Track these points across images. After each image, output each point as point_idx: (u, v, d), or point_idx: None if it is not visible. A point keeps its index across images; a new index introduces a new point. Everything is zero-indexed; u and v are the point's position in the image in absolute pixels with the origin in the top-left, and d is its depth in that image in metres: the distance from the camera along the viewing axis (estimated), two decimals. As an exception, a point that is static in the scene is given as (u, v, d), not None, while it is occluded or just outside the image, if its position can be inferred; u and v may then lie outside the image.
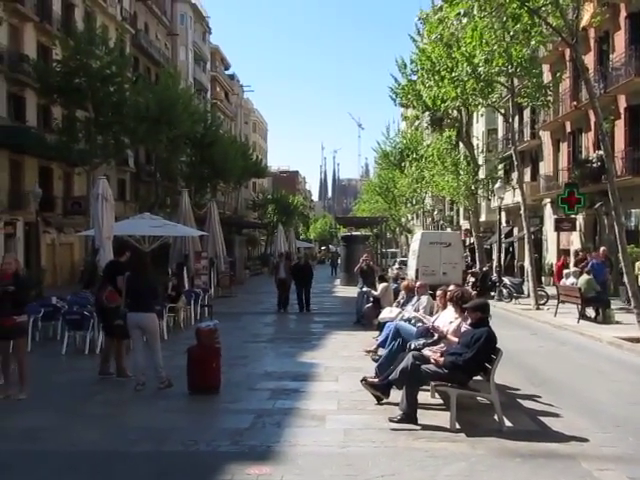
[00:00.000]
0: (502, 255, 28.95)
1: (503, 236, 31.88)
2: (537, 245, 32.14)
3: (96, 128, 30.21)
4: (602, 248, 21.42)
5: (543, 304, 21.24)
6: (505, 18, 17.20)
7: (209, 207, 25.63)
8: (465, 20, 20.49)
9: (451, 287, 9.38)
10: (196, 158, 43.68)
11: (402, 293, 13.90)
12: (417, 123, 52.89)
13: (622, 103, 25.94)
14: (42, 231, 31.23)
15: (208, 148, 42.69)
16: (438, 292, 9.83)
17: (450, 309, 9.46)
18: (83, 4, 38.53)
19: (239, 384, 9.51)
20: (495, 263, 29.74)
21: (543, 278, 30.90)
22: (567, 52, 30.91)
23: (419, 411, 7.43)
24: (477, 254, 32.24)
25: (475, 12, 17.72)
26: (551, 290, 23.56)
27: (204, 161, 43.35)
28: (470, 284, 25.96)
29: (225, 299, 24.51)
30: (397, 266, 33.90)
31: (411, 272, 25.50)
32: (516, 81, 23.43)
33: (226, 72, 79.29)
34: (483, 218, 39.50)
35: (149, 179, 43.85)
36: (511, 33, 19.01)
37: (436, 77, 23.37)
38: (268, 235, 63.71)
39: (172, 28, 56.13)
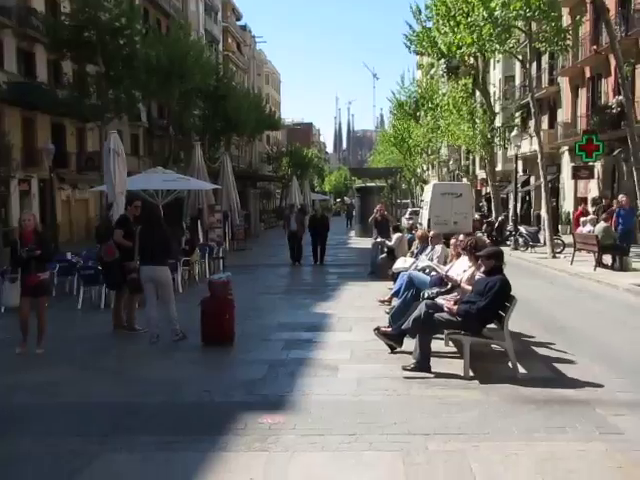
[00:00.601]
0: (518, 204, 28.67)
1: (519, 185, 31.53)
2: (554, 194, 31.76)
3: (107, 82, 29.94)
4: (621, 196, 21.02)
5: (559, 252, 21.07)
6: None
7: (222, 160, 25.45)
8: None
9: (461, 237, 9.29)
10: (209, 111, 43.24)
11: (416, 243, 13.81)
12: (432, 71, 51.90)
13: (644, 46, 25.21)
14: (57, 188, 31.26)
15: (221, 101, 42.22)
16: (452, 241, 9.87)
17: (464, 258, 9.38)
18: (90, -45, 37.72)
19: (253, 335, 9.53)
20: (511, 212, 29.47)
21: (560, 227, 30.63)
22: (587, -6, 30.04)
23: (433, 359, 7.43)
24: (493, 203, 31.95)
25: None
26: (568, 238, 23.37)
27: (217, 114, 42.91)
28: (486, 233, 25.86)
29: (240, 252, 24.57)
30: (408, 216, 33.71)
31: (424, 222, 25.91)
32: (534, 25, 22.77)
33: (238, 23, 77.98)
34: (499, 167, 39.03)
35: (162, 133, 43.57)
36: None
37: (451, 23, 22.79)
38: (283, 188, 63.50)
39: (182, -22, 55.00)
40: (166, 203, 18.61)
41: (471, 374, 7.10)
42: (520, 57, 29.35)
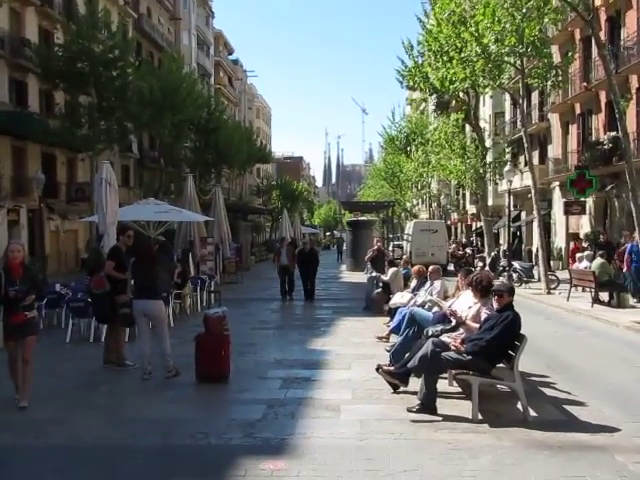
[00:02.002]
0: (510, 239, 28.62)
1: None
2: (545, 229, 31.73)
3: (99, 113, 29.83)
4: (626, 232, 20.67)
5: (554, 288, 20.90)
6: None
7: (214, 192, 25.27)
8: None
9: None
10: (200, 143, 43.25)
11: (413, 278, 13.60)
12: (423, 107, 52.34)
13: (634, 83, 25.47)
14: (46, 218, 30.89)
15: (212, 133, 42.27)
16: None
17: (465, 295, 9.16)
18: (84, -13, 37.95)
19: (248, 372, 9.20)
20: (504, 247, 29.35)
21: (552, 262, 30.53)
22: (577, 32, 30.44)
23: (438, 400, 7.13)
24: (486, 238, 31.87)
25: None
26: (561, 274, 23.24)
27: (208, 146, 42.94)
28: (478, 268, 25.69)
29: (231, 285, 24.21)
30: (391, 249, 33.82)
31: (407, 253, 29.78)
32: (526, 61, 22.94)
33: (230, 57, 78.62)
34: (490, 202, 39.07)
35: (153, 165, 43.43)
36: (523, 10, 18.52)
37: (444, 58, 22.91)
38: (273, 221, 63.38)
39: (175, 12, 55.43)
40: (158, 235, 18.35)
41: (480, 417, 6.80)
42: (512, 92, 29.64)
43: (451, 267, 30.97)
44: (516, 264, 24.62)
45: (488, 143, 34.36)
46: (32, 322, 7.65)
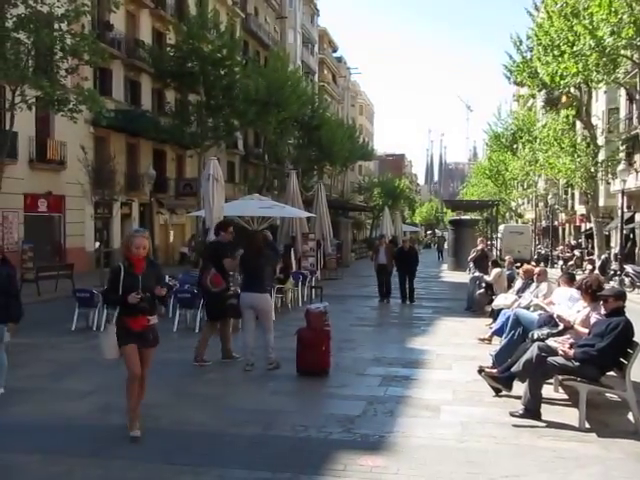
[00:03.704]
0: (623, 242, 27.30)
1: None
2: (662, 232, 30.06)
3: (207, 111, 30.79)
4: None
5: (671, 294, 19.76)
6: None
7: (317, 189, 25.51)
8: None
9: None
10: (303, 141, 43.80)
11: (518, 279, 13.23)
12: (531, 103, 50.68)
13: None
14: (155, 212, 32.34)
15: (315, 131, 42.70)
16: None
17: (566, 292, 8.83)
18: (196, -11, 39.27)
19: (348, 368, 9.24)
20: (615, 250, 28.02)
21: (669, 267, 28.85)
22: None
23: (543, 406, 6.89)
24: (596, 240, 30.54)
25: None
26: (679, 280, 21.94)
27: (311, 144, 43.41)
28: (587, 271, 24.66)
29: (331, 281, 24.38)
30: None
31: (498, 251, 35.57)
32: (644, 55, 21.78)
33: (334, 54, 79.13)
34: (601, 203, 37.37)
35: (257, 162, 44.43)
36: (643, 0, 17.58)
37: (555, 52, 22.12)
38: (374, 219, 63.26)
39: (281, 11, 56.41)
40: (262, 229, 18.73)
41: (587, 425, 6.52)
42: (628, 87, 28.22)
43: (557, 270, 29.89)
44: (629, 268, 23.47)
45: (600, 141, 32.81)
46: (154, 330, 6.29)
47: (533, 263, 20.10)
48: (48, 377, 8.90)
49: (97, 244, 28.39)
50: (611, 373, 6.93)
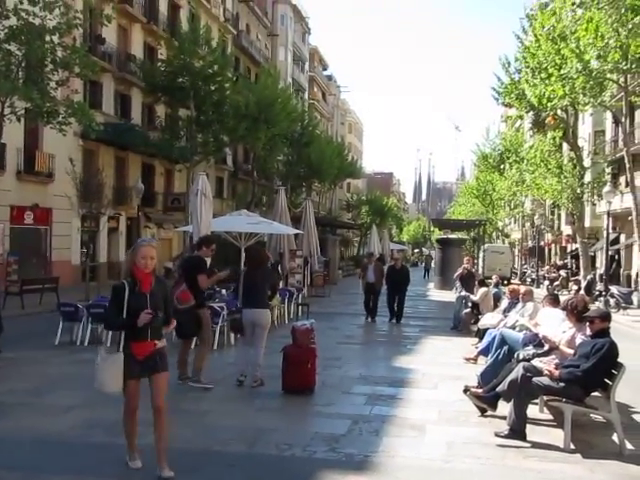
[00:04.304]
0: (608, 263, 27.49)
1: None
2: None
3: (197, 126, 30.84)
4: None
5: (656, 316, 19.89)
6: (624, 10, 16.14)
7: (305, 206, 25.57)
8: (580, 12, 19.44)
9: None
10: (293, 157, 43.93)
11: (504, 299, 13.29)
12: (519, 124, 51.17)
13: None
14: (143, 226, 32.18)
15: (305, 148, 42.86)
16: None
17: (550, 313, 8.89)
18: (188, 5, 39.51)
19: (333, 387, 9.21)
20: (601, 271, 28.21)
21: (653, 289, 29.05)
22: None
23: (528, 427, 6.89)
24: (582, 261, 30.73)
25: (592, 2, 16.75)
26: (664, 302, 22.09)
27: (301, 160, 43.54)
28: (573, 292, 24.79)
29: (318, 298, 24.36)
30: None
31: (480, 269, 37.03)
32: (630, 78, 22.08)
33: (324, 72, 79.62)
34: (587, 224, 37.67)
35: (246, 177, 44.47)
36: (629, 26, 17.83)
37: (542, 75, 22.39)
38: (361, 236, 63.42)
39: (273, 29, 56.78)
40: (248, 246, 18.70)
41: (572, 446, 6.52)
42: (614, 110, 28.55)
43: (543, 290, 30.03)
44: (614, 289, 23.61)
45: (587, 162, 33.17)
46: (163, 354, 5.62)
47: (517, 281, 20.41)
48: (30, 392, 8.79)
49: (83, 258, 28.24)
50: (596, 394, 6.95)
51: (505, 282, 27.91)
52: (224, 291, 14.65)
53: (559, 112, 29.75)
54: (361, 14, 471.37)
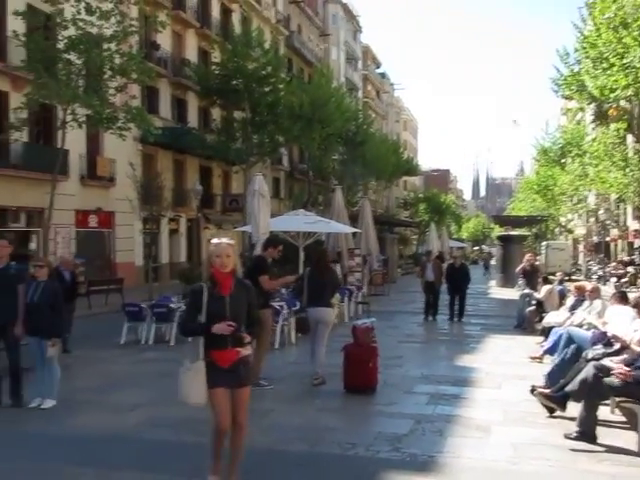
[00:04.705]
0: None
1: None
2: None
3: (252, 128, 31.08)
4: None
5: None
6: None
7: (362, 204, 25.45)
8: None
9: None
10: (348, 156, 43.84)
11: (570, 296, 12.91)
12: (580, 116, 49.84)
13: None
14: (203, 227, 32.69)
15: (360, 146, 42.67)
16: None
17: (619, 311, 8.62)
18: (240, 9, 39.92)
19: (395, 386, 9.10)
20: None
21: None
22: None
23: (599, 428, 6.64)
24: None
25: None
26: None
27: (356, 159, 43.40)
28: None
29: (377, 297, 24.21)
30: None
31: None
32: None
33: (377, 71, 79.30)
34: (655, 218, 36.44)
35: (302, 177, 44.66)
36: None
37: (604, 65, 21.70)
38: (420, 234, 62.86)
39: (324, 28, 56.86)
40: (305, 245, 18.76)
41: (646, 449, 6.26)
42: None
43: (610, 287, 29.14)
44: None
45: (653, 154, 32.02)
46: (246, 365, 5.07)
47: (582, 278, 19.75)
48: (97, 390, 9.00)
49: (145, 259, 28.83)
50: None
51: (566, 278, 26.40)
52: (284, 290, 14.68)
53: (622, 103, 28.77)
54: (412, 11, 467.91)
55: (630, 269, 33.41)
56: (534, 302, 15.11)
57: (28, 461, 5.97)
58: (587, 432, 6.53)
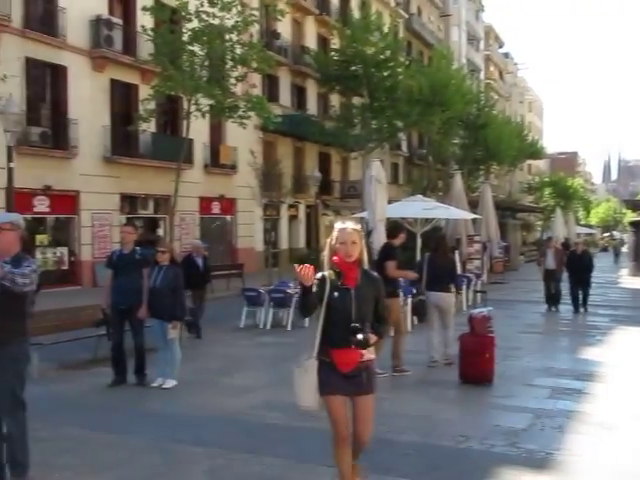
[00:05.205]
0: None
1: None
2: None
3: (371, 113, 30.95)
4: None
5: None
6: None
7: (482, 189, 24.76)
8: None
9: None
10: (469, 140, 42.77)
11: None
12: None
13: None
14: (321, 213, 33.03)
15: (481, 130, 41.50)
16: None
17: None
18: (359, -6, 39.79)
19: (513, 378, 8.77)
20: None
21: None
22: None
23: None
24: None
25: None
26: None
27: (477, 143, 42.27)
28: None
29: (497, 285, 23.50)
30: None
31: None
32: None
33: (500, 50, 76.75)
34: None
35: (421, 163, 44.07)
36: None
37: None
38: (544, 220, 60.44)
39: (445, 9, 55.57)
40: (423, 232, 18.48)
41: None
42: None
43: None
44: None
45: None
46: (369, 369, 4.39)
47: None
48: (216, 372, 9.30)
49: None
50: None
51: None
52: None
53: None
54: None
55: None
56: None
57: (142, 437, 6.26)
58: None
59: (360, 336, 4.14)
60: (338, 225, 4.43)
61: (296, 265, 4.15)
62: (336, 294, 4.26)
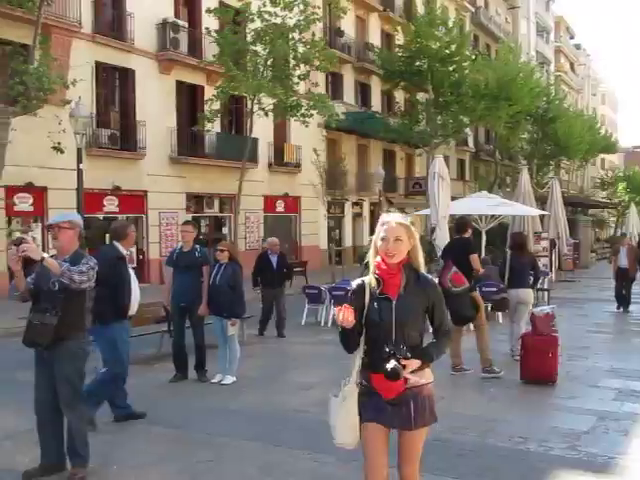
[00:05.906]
0: None
1: None
2: None
3: (435, 109, 30.56)
4: None
5: None
6: None
7: (551, 185, 24.08)
8: None
9: None
10: (537, 135, 41.75)
11: None
12: None
13: None
14: (385, 211, 32.76)
15: (551, 124, 40.44)
16: None
17: None
18: (424, -11, 39.33)
19: (578, 379, 8.51)
20: None
21: None
22: None
23: None
24: None
25: None
26: None
27: (546, 137, 41.22)
28: None
29: (566, 283, 22.88)
30: None
31: None
32: None
33: (571, 41, 74.56)
34: None
35: (488, 158, 43.27)
36: None
37: None
38: (618, 216, 58.43)
39: (513, 1, 54.31)
40: (489, 228, 18.17)
41: None
42: None
43: None
44: None
45: None
46: (422, 396, 3.57)
47: None
48: (276, 369, 9.39)
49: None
50: None
51: None
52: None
53: None
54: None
55: None
56: None
57: (200, 432, 6.37)
58: None
59: (390, 365, 3.34)
60: (383, 217, 3.66)
61: (336, 306, 3.54)
62: (374, 306, 3.51)
